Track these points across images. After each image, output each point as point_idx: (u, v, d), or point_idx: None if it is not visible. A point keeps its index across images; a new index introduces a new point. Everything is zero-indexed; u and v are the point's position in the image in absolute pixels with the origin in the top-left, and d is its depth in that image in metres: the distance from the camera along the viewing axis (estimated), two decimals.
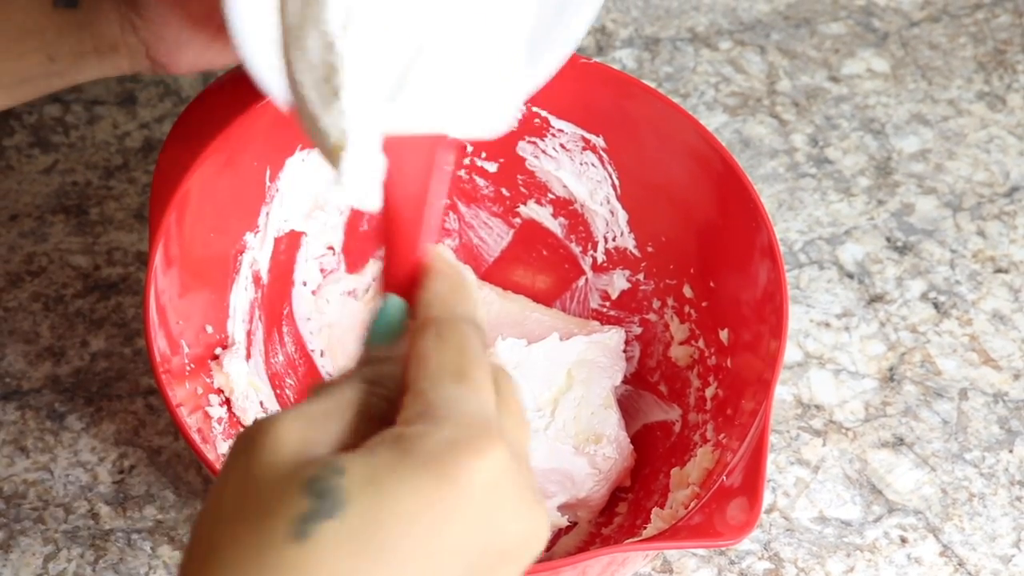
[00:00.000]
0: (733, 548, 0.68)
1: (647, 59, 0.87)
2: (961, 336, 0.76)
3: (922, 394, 0.74)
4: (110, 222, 0.78)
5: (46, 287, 0.76)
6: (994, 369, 0.75)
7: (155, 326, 0.59)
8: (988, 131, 0.84)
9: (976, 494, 0.70)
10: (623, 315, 0.73)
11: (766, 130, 0.84)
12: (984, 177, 0.82)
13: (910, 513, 0.70)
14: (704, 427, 0.66)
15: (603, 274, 0.73)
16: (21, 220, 0.78)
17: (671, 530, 0.55)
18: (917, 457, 0.71)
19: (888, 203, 0.81)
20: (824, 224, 0.80)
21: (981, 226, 0.80)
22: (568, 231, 0.74)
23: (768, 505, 0.69)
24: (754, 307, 0.64)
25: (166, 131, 0.83)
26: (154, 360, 0.58)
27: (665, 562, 0.67)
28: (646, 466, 0.68)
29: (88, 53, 0.65)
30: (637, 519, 0.65)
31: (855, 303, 0.77)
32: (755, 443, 0.56)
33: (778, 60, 0.87)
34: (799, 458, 0.71)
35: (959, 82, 0.86)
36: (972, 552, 0.68)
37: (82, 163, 0.81)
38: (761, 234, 0.64)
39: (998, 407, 0.73)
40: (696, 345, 0.69)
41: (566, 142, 0.71)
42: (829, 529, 0.69)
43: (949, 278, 0.78)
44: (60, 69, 0.65)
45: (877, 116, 0.85)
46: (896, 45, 0.88)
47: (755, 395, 0.61)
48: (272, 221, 0.69)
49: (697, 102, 0.85)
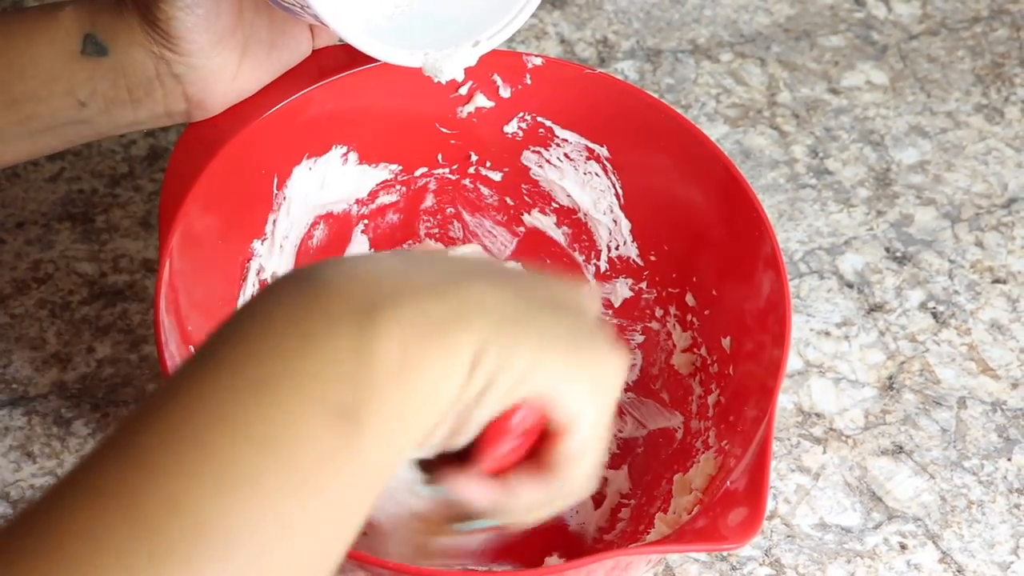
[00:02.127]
0: (735, 554, 0.68)
1: (648, 71, 0.88)
2: (960, 345, 0.77)
3: (921, 403, 0.74)
4: (116, 230, 0.79)
5: (52, 294, 0.76)
6: (992, 378, 0.75)
7: (165, 331, 0.60)
8: (986, 143, 0.85)
9: (975, 501, 0.71)
10: (626, 323, 0.74)
11: (766, 141, 0.85)
12: (982, 189, 0.83)
13: (909, 520, 0.70)
14: (706, 434, 0.66)
15: (606, 282, 0.74)
16: (27, 227, 0.79)
17: (675, 534, 0.56)
18: (916, 465, 0.72)
19: (887, 214, 0.82)
20: (824, 234, 0.81)
21: (979, 237, 0.81)
22: (571, 240, 0.74)
23: (769, 512, 0.70)
24: (757, 316, 0.65)
25: (171, 140, 0.83)
26: (164, 365, 0.59)
27: (667, 568, 0.68)
28: (649, 472, 0.69)
29: (122, 99, 0.64)
30: (640, 524, 0.66)
31: (855, 312, 0.77)
32: (759, 449, 0.57)
33: (778, 72, 0.88)
34: (800, 465, 0.72)
35: (957, 95, 0.87)
36: (971, 559, 0.69)
37: (88, 171, 0.81)
38: (764, 244, 0.64)
39: (996, 416, 0.74)
40: (698, 353, 0.69)
41: (570, 152, 0.72)
42: (829, 536, 0.70)
43: (948, 288, 0.79)
44: (90, 116, 0.64)
45: (876, 128, 0.86)
46: (895, 58, 0.89)
47: (757, 402, 0.62)
48: (279, 229, 0.70)
49: (698, 113, 0.86)
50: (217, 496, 0.39)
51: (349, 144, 0.71)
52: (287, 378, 0.41)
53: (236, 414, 0.40)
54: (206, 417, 0.40)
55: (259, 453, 0.40)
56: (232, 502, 0.39)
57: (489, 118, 0.71)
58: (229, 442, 0.40)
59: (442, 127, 0.72)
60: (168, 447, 0.40)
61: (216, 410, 0.40)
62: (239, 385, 0.41)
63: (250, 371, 0.41)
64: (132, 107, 0.65)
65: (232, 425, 0.40)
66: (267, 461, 0.40)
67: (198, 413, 0.40)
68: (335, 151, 0.71)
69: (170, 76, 0.64)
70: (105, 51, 0.63)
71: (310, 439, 0.40)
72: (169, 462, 0.39)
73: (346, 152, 0.71)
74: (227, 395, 0.40)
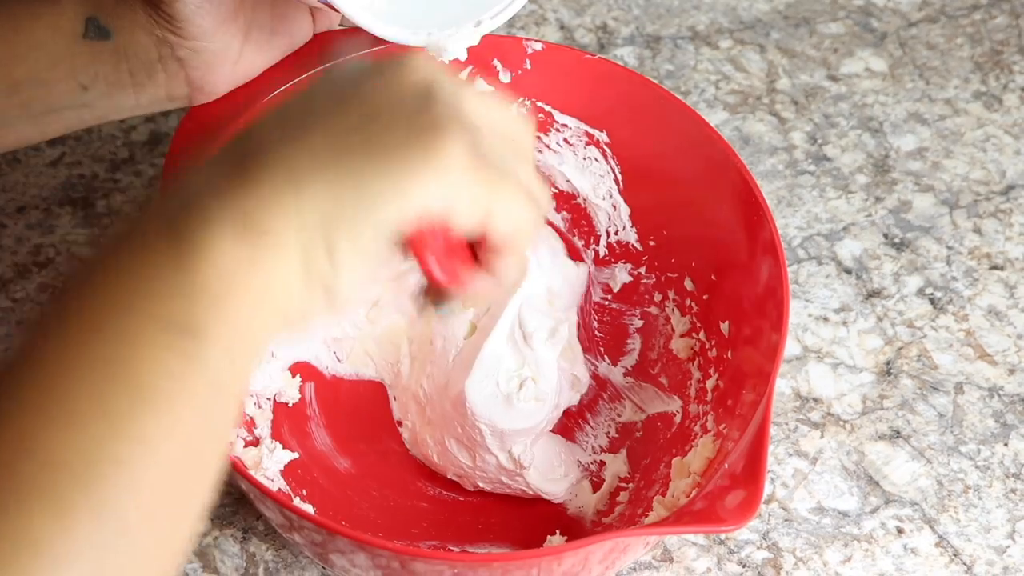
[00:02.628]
0: (732, 538, 0.69)
1: (648, 57, 0.88)
2: (957, 331, 0.77)
3: (918, 388, 0.75)
4: (116, 214, 0.79)
5: (53, 278, 0.77)
6: (989, 364, 0.76)
7: None
8: (985, 130, 0.85)
9: (971, 486, 0.71)
10: (625, 308, 0.74)
11: (765, 128, 0.85)
12: (980, 175, 0.83)
13: (906, 504, 0.71)
14: (705, 418, 0.66)
15: (605, 268, 0.74)
16: (28, 212, 0.79)
17: (673, 516, 0.56)
18: (913, 450, 0.73)
19: (886, 200, 0.82)
20: (823, 220, 0.81)
21: (977, 223, 0.81)
22: (571, 225, 0.75)
23: (767, 496, 0.70)
24: (755, 301, 0.65)
25: (172, 125, 0.83)
26: None
27: (666, 551, 0.68)
28: (647, 456, 0.69)
29: (124, 83, 0.64)
30: (638, 508, 0.66)
31: (853, 298, 0.78)
32: (756, 432, 0.57)
33: (778, 59, 0.88)
34: (797, 450, 0.72)
35: (956, 82, 0.88)
36: (967, 543, 0.69)
37: (88, 156, 0.82)
38: (763, 230, 0.65)
39: (993, 401, 0.74)
40: (697, 337, 0.70)
41: (570, 137, 0.72)
42: (827, 520, 0.70)
43: (945, 274, 0.79)
44: (92, 99, 0.64)
45: (875, 115, 0.86)
46: (894, 45, 0.89)
47: (755, 387, 0.62)
48: None
49: (697, 99, 0.86)
50: (68, 428, 0.39)
51: None
52: (120, 298, 0.40)
53: (79, 343, 0.40)
54: (52, 355, 0.40)
55: (105, 380, 0.39)
56: (84, 433, 0.39)
57: None
58: (76, 374, 0.39)
59: None
60: (14, 389, 0.40)
61: (60, 348, 0.40)
62: (80, 317, 0.40)
63: (88, 300, 0.41)
64: (134, 91, 0.65)
65: (75, 355, 0.40)
66: (113, 386, 0.39)
67: (44, 355, 0.40)
68: None
69: (172, 60, 0.64)
70: (107, 35, 0.63)
71: (150, 359, 0.40)
72: (14, 402, 0.39)
73: None
74: (71, 330, 0.40)
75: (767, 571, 0.68)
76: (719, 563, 0.68)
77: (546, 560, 0.56)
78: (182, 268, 0.41)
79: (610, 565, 0.61)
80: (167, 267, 0.41)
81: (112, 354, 0.40)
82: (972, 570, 0.68)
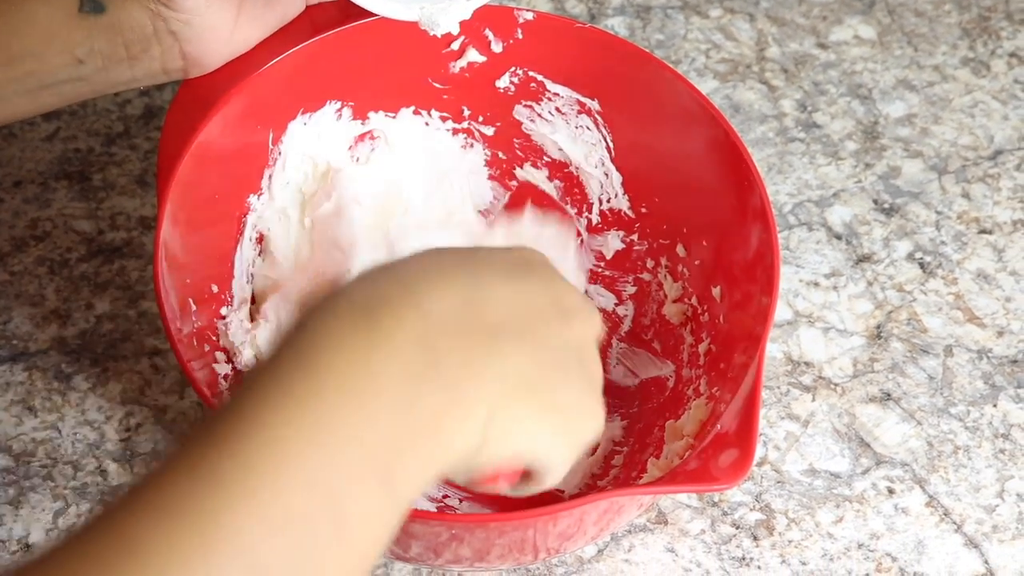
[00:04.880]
0: (725, 499, 0.70)
1: (639, 26, 0.89)
2: (946, 295, 0.78)
3: (908, 351, 0.75)
4: (112, 188, 0.80)
5: (51, 251, 0.77)
6: (978, 327, 0.77)
7: (165, 284, 0.61)
8: (972, 96, 0.86)
9: (961, 447, 0.72)
10: (617, 275, 0.75)
11: (755, 96, 0.85)
12: (969, 141, 0.84)
13: (897, 465, 0.72)
14: (698, 381, 0.67)
15: (598, 235, 0.75)
16: (25, 186, 0.80)
17: (668, 476, 0.57)
18: (904, 412, 0.73)
19: (875, 166, 0.83)
20: (813, 187, 0.82)
21: (966, 188, 0.82)
22: (564, 193, 0.75)
23: (759, 458, 0.71)
24: (746, 267, 0.66)
25: (167, 99, 0.84)
26: (165, 316, 0.60)
27: (660, 513, 0.69)
28: (641, 420, 0.70)
29: (119, 57, 0.65)
30: (632, 471, 0.67)
31: (843, 263, 0.79)
32: (748, 392, 0.58)
33: (767, 27, 0.89)
34: (789, 413, 0.73)
35: (944, 48, 0.88)
36: (957, 503, 0.70)
37: (84, 130, 0.82)
38: (754, 196, 0.65)
39: (982, 363, 0.75)
40: (689, 303, 0.70)
41: (561, 106, 0.73)
42: (819, 481, 0.71)
43: (935, 239, 0.80)
44: (87, 73, 0.65)
45: (864, 82, 0.86)
46: (883, 12, 0.90)
47: (746, 349, 0.63)
48: (275, 184, 0.71)
49: (688, 68, 0.86)
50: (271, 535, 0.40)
51: (343, 100, 0.72)
52: (338, 435, 0.42)
53: (299, 464, 0.42)
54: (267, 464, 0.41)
55: (314, 505, 0.41)
56: (286, 545, 0.41)
57: (481, 73, 0.72)
58: (299, 490, 0.41)
59: (435, 82, 0.73)
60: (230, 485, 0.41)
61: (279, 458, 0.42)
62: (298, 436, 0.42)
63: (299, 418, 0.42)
64: (129, 64, 0.65)
65: (295, 474, 0.41)
66: (322, 512, 0.41)
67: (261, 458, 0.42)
68: (329, 106, 0.72)
69: (167, 33, 0.64)
70: (102, 8, 0.64)
71: (357, 497, 0.43)
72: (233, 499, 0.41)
73: (340, 107, 0.72)
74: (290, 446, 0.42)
75: (760, 532, 0.69)
76: (713, 525, 0.69)
77: (542, 520, 0.57)
78: (398, 420, 0.44)
79: (605, 527, 0.61)
80: (384, 414, 0.43)
81: (327, 484, 0.42)
82: (962, 529, 0.69)
